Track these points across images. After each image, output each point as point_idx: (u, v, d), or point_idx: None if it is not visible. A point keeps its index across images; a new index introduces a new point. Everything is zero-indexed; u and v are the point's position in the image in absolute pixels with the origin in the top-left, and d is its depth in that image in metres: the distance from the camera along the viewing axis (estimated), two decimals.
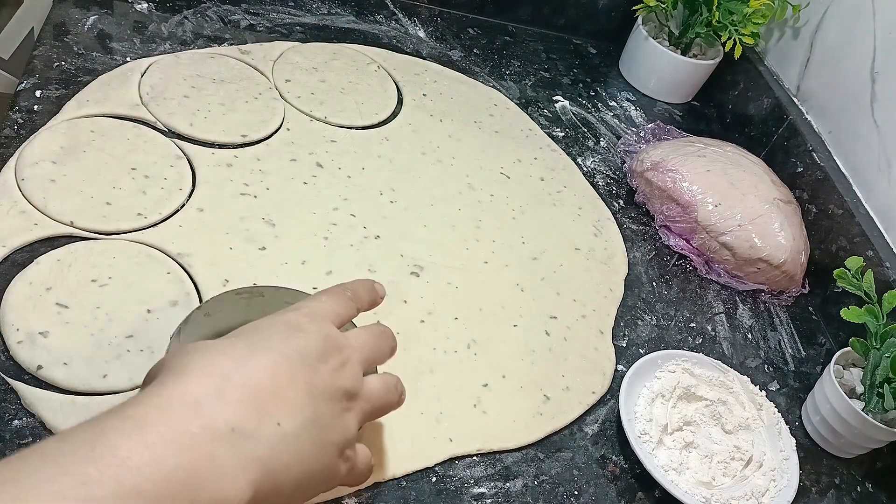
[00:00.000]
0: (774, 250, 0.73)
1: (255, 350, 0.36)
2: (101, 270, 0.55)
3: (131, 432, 0.29)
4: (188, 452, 0.30)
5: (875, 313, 0.63)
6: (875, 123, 0.79)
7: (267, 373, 0.35)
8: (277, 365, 0.35)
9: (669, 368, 0.62)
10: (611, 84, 0.97)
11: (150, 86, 0.69)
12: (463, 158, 0.77)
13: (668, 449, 0.57)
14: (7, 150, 0.60)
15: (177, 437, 0.30)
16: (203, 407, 0.31)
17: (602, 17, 1.01)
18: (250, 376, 0.34)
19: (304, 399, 0.35)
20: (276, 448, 0.33)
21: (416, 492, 0.51)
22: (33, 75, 0.66)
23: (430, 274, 0.64)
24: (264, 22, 0.83)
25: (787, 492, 0.58)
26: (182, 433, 0.30)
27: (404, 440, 0.53)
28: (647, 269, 0.74)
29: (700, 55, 0.96)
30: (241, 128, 0.69)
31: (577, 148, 0.85)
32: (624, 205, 0.80)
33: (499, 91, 0.88)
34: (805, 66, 0.90)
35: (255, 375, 0.34)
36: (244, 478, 0.31)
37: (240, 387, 0.33)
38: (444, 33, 0.93)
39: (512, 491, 0.53)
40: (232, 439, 0.31)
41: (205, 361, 0.34)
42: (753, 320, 0.74)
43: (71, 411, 0.47)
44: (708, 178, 0.76)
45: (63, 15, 0.73)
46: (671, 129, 0.89)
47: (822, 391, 0.64)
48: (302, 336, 0.38)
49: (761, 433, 0.61)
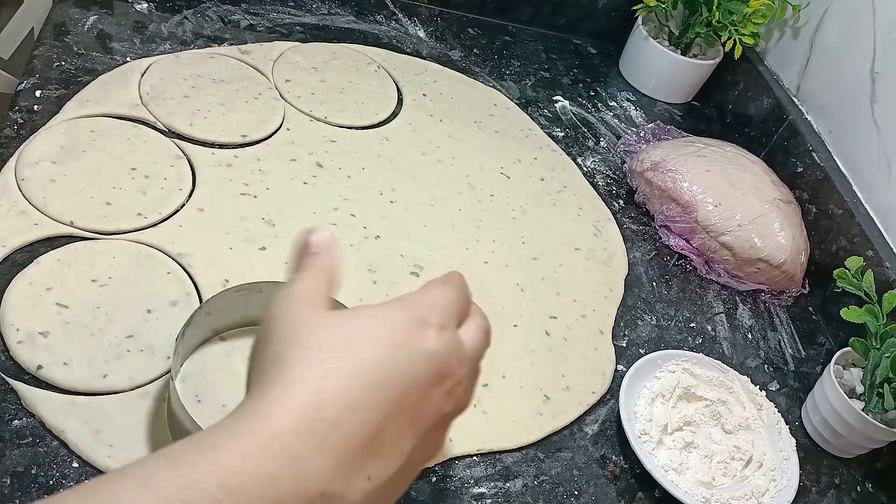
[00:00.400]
0: (774, 250, 0.73)
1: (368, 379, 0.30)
2: (101, 270, 0.55)
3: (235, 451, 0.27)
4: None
5: (875, 313, 0.63)
6: (875, 123, 0.79)
7: (374, 417, 0.30)
8: (389, 402, 0.30)
9: (669, 368, 0.62)
10: (611, 84, 0.97)
11: (150, 86, 0.69)
12: (463, 158, 0.77)
13: (668, 449, 0.57)
14: (7, 150, 0.60)
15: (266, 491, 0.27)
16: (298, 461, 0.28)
17: (602, 17, 1.01)
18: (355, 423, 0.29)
19: (403, 443, 0.31)
20: (361, 499, 0.30)
21: (416, 492, 0.51)
22: (33, 75, 0.66)
23: (430, 274, 0.64)
24: (264, 22, 0.83)
25: (787, 492, 0.58)
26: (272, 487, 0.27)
27: None
28: (647, 269, 0.74)
29: (700, 55, 0.96)
30: (241, 128, 0.69)
31: (577, 148, 0.85)
32: (624, 205, 0.80)
33: (499, 91, 0.88)
34: (805, 66, 0.90)
35: (361, 421, 0.29)
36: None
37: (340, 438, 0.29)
38: (444, 33, 0.93)
39: (512, 491, 0.53)
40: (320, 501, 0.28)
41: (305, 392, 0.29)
42: (753, 320, 0.74)
43: (71, 411, 0.47)
44: (708, 178, 0.76)
45: (63, 15, 0.73)
46: (671, 129, 0.89)
47: (822, 391, 0.64)
48: (425, 352, 0.32)
49: (761, 433, 0.61)
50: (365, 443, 0.29)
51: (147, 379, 0.50)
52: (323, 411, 0.29)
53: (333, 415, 0.29)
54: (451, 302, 0.36)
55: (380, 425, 0.30)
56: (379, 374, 0.30)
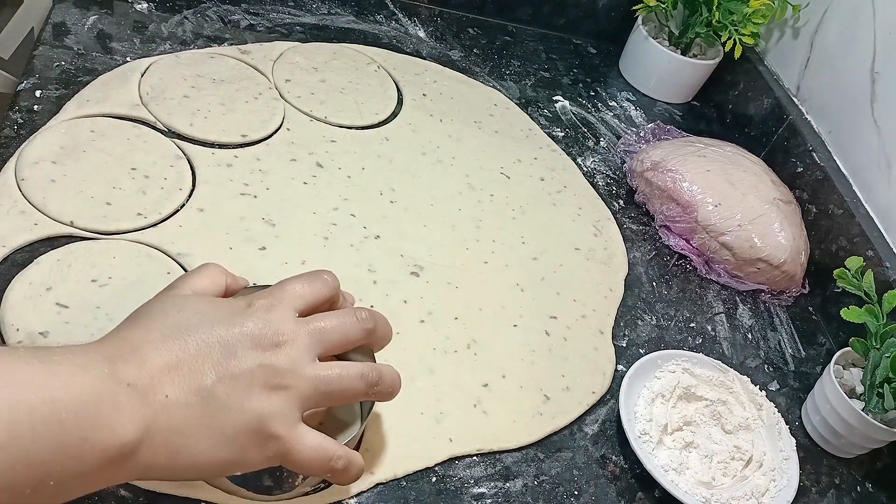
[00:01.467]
0: (774, 250, 0.73)
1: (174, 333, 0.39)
2: (101, 270, 0.55)
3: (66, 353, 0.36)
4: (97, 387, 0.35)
5: (875, 313, 0.63)
6: (875, 123, 0.79)
7: (172, 355, 0.38)
8: (184, 351, 0.39)
9: (669, 368, 0.62)
10: (611, 84, 0.97)
11: (150, 86, 0.69)
12: (463, 158, 0.77)
13: (668, 449, 0.57)
14: (7, 150, 0.60)
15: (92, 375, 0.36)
16: (114, 363, 0.37)
17: (602, 17, 1.01)
18: (156, 353, 0.38)
19: (201, 382, 0.38)
20: (159, 415, 0.37)
21: (416, 492, 0.51)
22: (33, 75, 0.66)
23: (430, 274, 0.64)
24: (264, 22, 0.83)
25: (787, 492, 0.58)
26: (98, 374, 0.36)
27: (404, 440, 0.53)
28: (647, 269, 0.74)
29: (700, 55, 0.96)
30: (241, 128, 0.69)
31: (577, 148, 0.85)
32: (624, 205, 0.80)
33: (499, 91, 0.88)
34: (805, 66, 0.90)
35: (160, 353, 0.38)
36: (133, 423, 0.36)
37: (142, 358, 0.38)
38: (444, 33, 0.93)
39: (512, 491, 0.53)
40: (128, 392, 0.36)
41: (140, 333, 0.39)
42: (753, 320, 0.74)
43: None
44: (708, 178, 0.76)
45: (63, 15, 0.73)
46: (671, 129, 0.89)
47: (822, 391, 0.64)
48: (238, 325, 0.40)
49: (761, 433, 0.61)
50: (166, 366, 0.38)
51: None
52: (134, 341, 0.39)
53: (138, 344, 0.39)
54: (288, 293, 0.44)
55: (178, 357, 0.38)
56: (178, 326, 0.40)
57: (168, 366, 0.38)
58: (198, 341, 0.39)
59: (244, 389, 0.39)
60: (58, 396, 0.33)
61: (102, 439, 0.34)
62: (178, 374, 0.38)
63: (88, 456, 0.34)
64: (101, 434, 0.34)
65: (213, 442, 0.38)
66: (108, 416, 0.35)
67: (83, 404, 0.34)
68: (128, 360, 0.37)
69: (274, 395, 0.40)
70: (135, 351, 0.38)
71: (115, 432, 0.35)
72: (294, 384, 0.40)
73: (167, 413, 0.37)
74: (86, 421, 0.34)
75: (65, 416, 0.33)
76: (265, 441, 0.39)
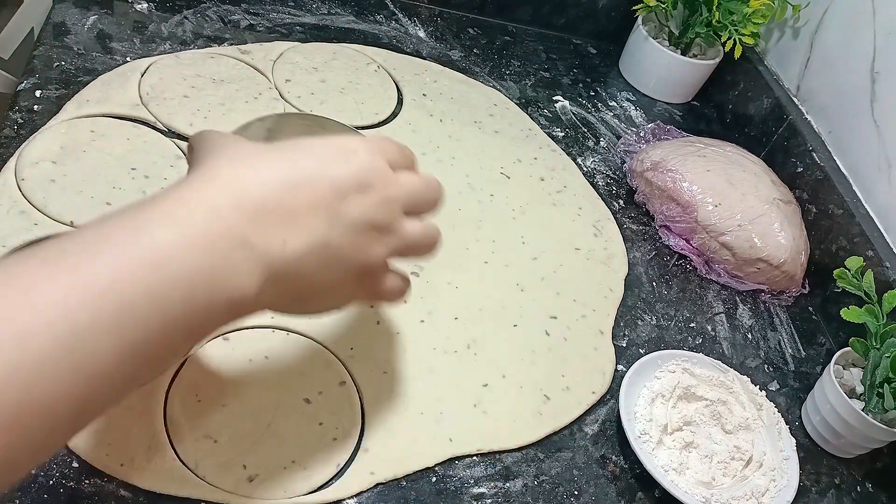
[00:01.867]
0: (774, 250, 0.73)
1: (286, 165, 0.38)
2: None
3: (167, 226, 0.34)
4: (209, 253, 0.34)
5: (875, 313, 0.63)
6: (875, 123, 0.79)
7: (287, 193, 0.37)
8: (302, 187, 0.38)
9: (669, 368, 0.62)
10: (611, 84, 0.97)
11: (150, 86, 0.69)
12: (463, 158, 0.77)
13: (668, 449, 0.57)
14: (7, 150, 0.60)
15: (199, 238, 0.34)
16: (222, 215, 0.35)
17: (602, 17, 1.01)
18: (270, 192, 0.37)
19: (317, 225, 0.38)
20: (276, 262, 0.37)
21: (416, 492, 0.51)
22: (33, 75, 0.66)
23: (430, 274, 0.64)
24: (264, 22, 0.83)
25: (787, 492, 0.58)
26: (206, 234, 0.34)
27: (404, 440, 0.53)
28: (647, 269, 0.74)
29: (700, 55, 0.96)
30: None
31: (577, 148, 0.85)
32: (624, 205, 0.80)
33: (499, 91, 0.88)
34: (805, 66, 0.90)
35: (275, 192, 0.37)
36: (251, 279, 0.36)
37: (254, 202, 0.36)
38: (444, 33, 0.93)
39: (512, 491, 0.53)
40: (243, 248, 0.35)
41: (231, 169, 0.37)
42: (753, 320, 0.74)
43: None
44: (708, 178, 0.76)
45: (63, 15, 0.73)
46: (671, 129, 0.89)
47: (822, 391, 0.64)
48: (345, 164, 0.39)
49: (761, 433, 0.61)
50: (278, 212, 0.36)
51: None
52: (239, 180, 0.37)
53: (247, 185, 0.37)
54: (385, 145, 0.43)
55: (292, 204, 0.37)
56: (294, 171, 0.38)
57: (282, 210, 0.37)
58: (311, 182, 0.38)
59: (356, 237, 0.40)
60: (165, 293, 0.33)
61: (219, 306, 0.35)
62: (293, 220, 0.37)
63: (214, 316, 0.35)
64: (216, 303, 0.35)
65: (330, 282, 0.40)
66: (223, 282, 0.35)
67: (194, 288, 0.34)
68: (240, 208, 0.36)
69: (378, 242, 0.41)
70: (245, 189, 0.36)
71: (235, 292, 0.35)
72: (391, 238, 0.42)
73: (286, 260, 0.37)
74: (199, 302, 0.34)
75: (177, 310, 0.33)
76: (363, 281, 0.42)
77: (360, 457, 0.51)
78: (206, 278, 0.34)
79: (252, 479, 0.48)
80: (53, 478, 0.44)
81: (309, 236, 0.38)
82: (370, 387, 0.55)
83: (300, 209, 0.37)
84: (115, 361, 0.31)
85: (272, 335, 0.55)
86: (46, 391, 0.29)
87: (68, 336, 0.29)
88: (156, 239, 0.33)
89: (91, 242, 0.32)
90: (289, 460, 0.49)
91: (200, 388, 0.51)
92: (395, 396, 0.55)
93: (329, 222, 0.38)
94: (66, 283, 0.30)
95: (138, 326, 0.32)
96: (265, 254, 0.36)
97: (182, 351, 0.36)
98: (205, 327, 0.36)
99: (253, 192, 0.36)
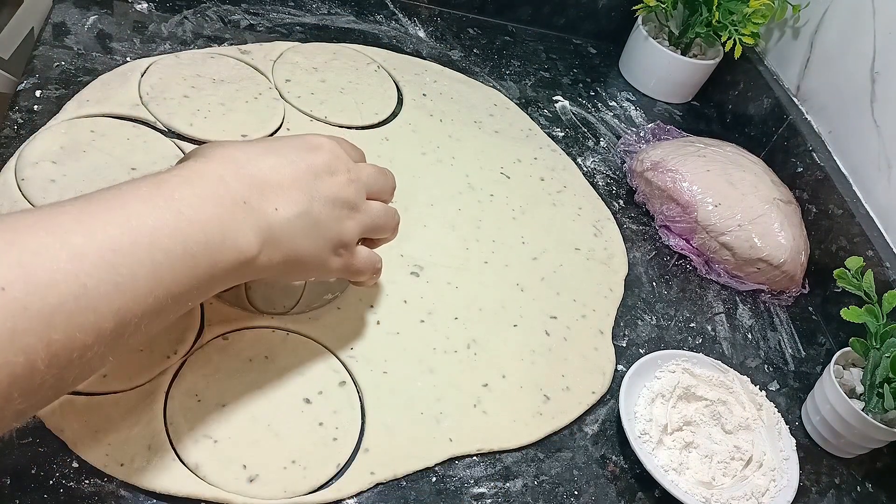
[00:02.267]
0: (774, 250, 0.73)
1: (269, 153, 0.45)
2: None
3: (182, 187, 0.40)
4: (219, 207, 0.41)
5: (875, 313, 0.63)
6: (875, 123, 0.79)
7: (273, 171, 0.45)
8: (283, 167, 0.45)
9: (669, 368, 0.62)
10: (611, 84, 0.97)
11: (150, 86, 0.69)
12: (463, 158, 0.77)
13: (668, 449, 0.57)
14: (7, 150, 0.60)
15: (211, 195, 0.41)
16: (226, 181, 0.42)
17: (602, 17, 1.01)
18: (260, 169, 0.44)
19: (300, 196, 0.45)
20: (272, 225, 0.43)
21: (416, 492, 0.51)
22: (33, 75, 0.66)
23: (430, 274, 0.64)
24: (264, 22, 0.83)
25: (787, 492, 0.58)
26: (213, 194, 0.41)
27: (404, 440, 0.53)
28: (647, 269, 0.74)
29: (700, 55, 0.96)
30: (241, 128, 0.69)
31: (577, 148, 0.85)
32: (624, 205, 0.80)
33: (499, 91, 0.88)
34: (805, 66, 0.90)
35: (264, 170, 0.44)
36: (252, 236, 0.42)
37: (250, 174, 0.43)
38: (444, 33, 0.93)
39: (512, 491, 0.53)
40: (244, 208, 0.42)
41: (225, 153, 0.44)
42: (753, 320, 0.74)
43: (70, 411, 0.47)
44: (708, 178, 0.76)
45: (63, 15, 0.73)
46: (671, 129, 0.89)
47: (822, 391, 0.64)
48: (315, 153, 0.47)
49: (761, 433, 0.61)
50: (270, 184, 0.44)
51: (146, 378, 0.50)
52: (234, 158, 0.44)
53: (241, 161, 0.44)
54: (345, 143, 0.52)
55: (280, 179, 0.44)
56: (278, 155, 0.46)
57: (271, 183, 0.44)
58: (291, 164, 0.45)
59: (330, 211, 0.47)
60: (187, 233, 0.39)
61: (229, 258, 0.41)
62: (281, 191, 0.44)
63: (219, 274, 0.41)
64: (227, 254, 0.41)
65: (314, 248, 0.47)
66: (232, 237, 0.41)
67: (209, 234, 0.40)
68: (238, 173, 0.43)
69: (350, 218, 0.49)
70: (240, 163, 0.43)
71: (240, 248, 0.41)
72: (360, 213, 0.50)
73: (279, 223, 0.44)
74: (213, 247, 0.40)
75: (195, 249, 0.39)
76: (341, 250, 0.49)
77: (360, 457, 0.51)
78: (217, 227, 0.40)
79: (252, 479, 0.48)
80: (53, 478, 0.44)
81: (296, 205, 0.45)
82: (370, 387, 0.55)
83: (285, 183, 0.45)
84: (147, 287, 0.37)
85: (272, 335, 0.55)
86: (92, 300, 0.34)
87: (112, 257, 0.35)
88: (177, 194, 0.39)
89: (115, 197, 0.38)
90: (289, 460, 0.49)
91: (200, 388, 0.51)
92: (395, 396, 0.55)
93: (309, 195, 0.45)
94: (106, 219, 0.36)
95: (166, 259, 0.38)
96: (262, 216, 0.43)
97: (197, 295, 0.41)
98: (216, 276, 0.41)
99: (249, 167, 0.44)
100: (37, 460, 0.45)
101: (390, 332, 0.59)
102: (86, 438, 0.46)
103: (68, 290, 0.33)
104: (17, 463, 0.44)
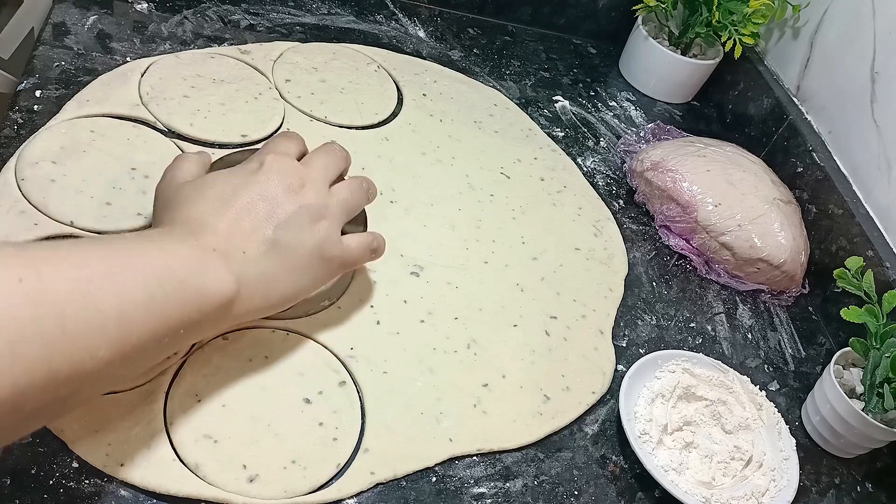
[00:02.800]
0: (774, 250, 0.73)
1: (221, 202, 0.47)
2: None
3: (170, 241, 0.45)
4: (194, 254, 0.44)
5: (875, 313, 0.63)
6: (875, 123, 0.79)
7: (231, 219, 0.47)
8: (238, 214, 0.47)
9: (669, 368, 0.62)
10: (611, 84, 0.97)
11: (150, 86, 0.69)
12: (463, 158, 0.77)
13: (668, 449, 0.57)
14: (7, 150, 0.60)
15: (191, 249, 0.45)
16: (197, 236, 0.46)
17: (602, 17, 1.01)
18: (218, 222, 0.47)
19: (264, 234, 0.47)
20: (245, 267, 0.46)
21: (416, 492, 0.51)
22: (33, 75, 0.66)
23: (430, 274, 0.64)
24: (264, 22, 0.83)
25: (787, 492, 0.58)
26: (190, 245, 0.45)
27: (404, 440, 0.53)
28: (647, 269, 0.74)
29: (700, 55, 0.96)
30: (241, 128, 0.69)
31: (577, 148, 0.85)
32: (624, 205, 0.80)
33: (499, 91, 0.88)
34: (805, 66, 0.90)
35: (221, 221, 0.47)
36: (227, 278, 0.45)
37: (211, 228, 0.46)
38: (444, 33, 0.93)
39: (512, 491, 0.53)
40: (215, 255, 0.45)
41: (195, 212, 0.47)
42: (753, 320, 0.74)
43: (70, 411, 0.47)
44: (708, 178, 0.76)
45: (63, 15, 0.73)
46: (671, 129, 0.89)
47: (822, 391, 0.64)
48: (262, 180, 0.49)
49: (761, 433, 0.61)
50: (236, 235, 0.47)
51: (146, 379, 0.50)
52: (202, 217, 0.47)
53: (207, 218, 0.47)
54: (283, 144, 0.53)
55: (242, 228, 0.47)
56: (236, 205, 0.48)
57: (232, 229, 0.47)
58: (243, 202, 0.48)
59: (297, 229, 0.49)
60: (171, 264, 0.42)
61: (212, 292, 0.44)
62: (244, 233, 0.47)
63: (205, 306, 0.44)
64: (209, 288, 0.44)
65: (292, 276, 0.49)
66: (210, 275, 0.44)
67: (190, 268, 0.43)
68: (203, 232, 0.46)
69: (318, 225, 0.50)
70: (202, 224, 0.46)
71: (219, 287, 0.44)
72: (328, 212, 0.51)
73: (250, 265, 0.46)
74: (197, 279, 0.43)
75: (182, 276, 0.42)
76: (328, 260, 0.51)
77: (360, 457, 0.51)
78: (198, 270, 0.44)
79: (252, 479, 0.48)
80: (53, 478, 0.44)
81: (261, 244, 0.47)
82: (370, 387, 0.55)
83: (248, 229, 0.47)
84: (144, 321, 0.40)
85: (272, 335, 0.55)
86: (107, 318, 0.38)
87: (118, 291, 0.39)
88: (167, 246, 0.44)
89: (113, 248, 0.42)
90: (289, 460, 0.49)
91: (200, 388, 0.51)
92: (395, 396, 0.55)
93: (273, 227, 0.48)
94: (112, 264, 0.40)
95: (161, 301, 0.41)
96: (232, 261, 0.46)
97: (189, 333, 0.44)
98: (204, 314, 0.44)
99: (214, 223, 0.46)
100: (37, 460, 0.45)
101: (390, 332, 0.59)
102: (86, 438, 0.46)
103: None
104: (17, 463, 0.44)
